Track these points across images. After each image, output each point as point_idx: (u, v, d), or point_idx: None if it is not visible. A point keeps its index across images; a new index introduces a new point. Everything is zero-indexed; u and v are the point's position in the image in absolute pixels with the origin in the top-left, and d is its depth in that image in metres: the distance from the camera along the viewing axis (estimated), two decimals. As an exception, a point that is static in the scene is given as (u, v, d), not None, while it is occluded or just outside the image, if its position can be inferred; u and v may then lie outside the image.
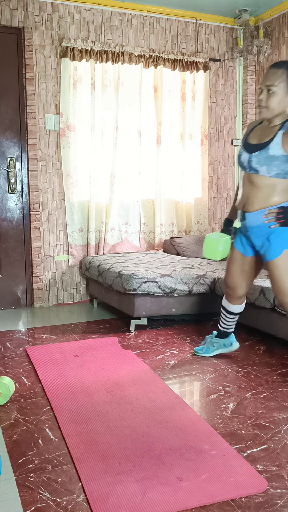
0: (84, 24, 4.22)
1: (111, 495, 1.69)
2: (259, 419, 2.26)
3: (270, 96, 2.41)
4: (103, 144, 4.32)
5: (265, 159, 2.43)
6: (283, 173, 2.43)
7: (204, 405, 2.42)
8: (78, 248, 4.41)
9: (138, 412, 2.30)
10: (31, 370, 2.85)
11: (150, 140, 4.53)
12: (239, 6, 4.47)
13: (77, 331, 3.63)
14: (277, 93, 2.39)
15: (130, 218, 4.52)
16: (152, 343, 3.33)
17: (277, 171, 2.42)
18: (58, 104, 4.20)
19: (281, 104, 2.42)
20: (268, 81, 2.41)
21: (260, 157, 2.44)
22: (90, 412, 2.30)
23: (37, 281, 4.31)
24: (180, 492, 1.70)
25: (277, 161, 2.40)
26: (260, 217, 2.51)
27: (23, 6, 4.01)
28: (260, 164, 2.44)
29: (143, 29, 4.44)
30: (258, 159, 2.45)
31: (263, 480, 1.77)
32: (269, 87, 2.40)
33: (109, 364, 2.90)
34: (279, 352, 3.13)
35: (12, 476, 1.82)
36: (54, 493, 1.72)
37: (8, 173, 4.15)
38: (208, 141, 4.77)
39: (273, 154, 2.41)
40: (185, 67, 4.52)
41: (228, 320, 2.97)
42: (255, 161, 2.46)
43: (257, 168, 2.46)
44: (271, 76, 2.40)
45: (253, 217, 2.54)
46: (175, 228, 4.74)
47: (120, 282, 3.50)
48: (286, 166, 2.41)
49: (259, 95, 2.46)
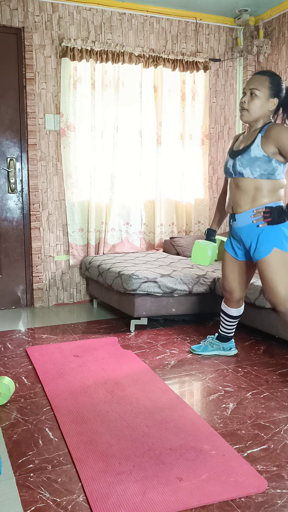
0: (84, 24, 4.22)
1: (111, 495, 1.69)
2: (259, 419, 2.26)
3: (253, 99, 2.50)
4: (103, 144, 4.32)
5: (247, 161, 2.50)
6: (267, 173, 2.48)
7: (204, 405, 2.42)
8: (79, 248, 4.41)
9: (138, 412, 2.30)
10: (31, 370, 2.85)
11: (150, 140, 4.53)
12: (239, 6, 4.47)
13: (77, 331, 3.63)
14: (259, 97, 2.49)
15: (131, 218, 4.52)
16: (152, 343, 3.33)
17: (260, 172, 2.48)
18: (58, 104, 4.20)
19: (262, 108, 2.51)
20: (252, 84, 2.51)
21: (243, 160, 2.52)
22: (90, 412, 2.30)
23: (37, 281, 4.31)
24: (180, 492, 1.70)
25: (258, 162, 2.47)
26: (248, 217, 2.57)
27: (23, 6, 4.01)
28: (243, 166, 2.51)
29: (143, 29, 4.44)
30: (241, 162, 2.52)
31: (263, 480, 1.77)
32: (252, 90, 2.50)
33: (109, 364, 2.90)
34: (279, 352, 3.13)
35: (12, 476, 1.82)
36: (54, 493, 1.72)
37: (8, 173, 4.15)
38: (208, 141, 4.77)
39: (254, 156, 2.48)
40: (185, 67, 4.52)
41: (228, 324, 2.99)
42: (238, 164, 2.54)
43: (241, 171, 2.53)
44: (255, 81, 2.51)
45: (242, 218, 2.59)
46: (175, 228, 4.74)
47: (120, 282, 3.50)
48: (268, 166, 2.47)
49: (242, 98, 2.55)
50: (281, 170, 2.50)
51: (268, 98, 2.49)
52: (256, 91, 2.48)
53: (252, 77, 2.56)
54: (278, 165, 2.47)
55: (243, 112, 2.54)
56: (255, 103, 2.50)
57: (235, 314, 2.95)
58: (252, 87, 2.49)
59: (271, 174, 2.48)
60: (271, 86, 2.48)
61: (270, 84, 2.48)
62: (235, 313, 2.94)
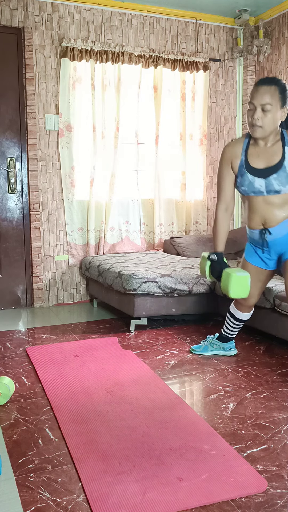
0: (84, 24, 4.22)
1: (111, 495, 1.69)
2: (259, 419, 2.26)
3: (266, 115, 2.38)
4: (102, 144, 4.32)
5: (285, 178, 2.43)
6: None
7: (204, 405, 2.42)
8: (78, 247, 4.41)
9: (138, 412, 2.30)
10: (31, 370, 2.85)
11: (149, 140, 4.53)
12: (239, 6, 4.47)
13: (77, 331, 3.63)
14: (271, 111, 2.37)
15: (130, 217, 4.52)
16: (152, 343, 3.33)
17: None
18: (58, 104, 4.20)
19: (275, 121, 2.42)
20: (263, 100, 2.36)
21: (281, 178, 2.44)
22: (90, 412, 2.30)
23: (37, 281, 4.31)
24: (180, 492, 1.70)
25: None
26: (284, 227, 2.52)
27: (23, 6, 4.01)
28: (283, 184, 2.44)
29: (143, 29, 4.44)
30: (279, 181, 2.44)
31: (263, 480, 1.77)
32: (264, 106, 2.37)
33: (109, 364, 2.90)
34: (279, 352, 3.13)
35: (12, 476, 1.82)
36: (54, 493, 1.72)
37: (8, 173, 4.15)
38: (207, 141, 4.77)
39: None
40: (185, 67, 4.52)
41: (233, 326, 2.98)
42: (276, 184, 2.45)
43: (279, 189, 2.46)
44: (264, 95, 2.36)
45: (278, 229, 2.54)
46: (175, 228, 4.74)
47: (120, 282, 3.50)
48: None
49: (254, 114, 2.41)
50: None
51: (279, 109, 2.40)
52: (268, 106, 2.36)
53: (258, 88, 2.40)
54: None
55: (257, 129, 2.41)
56: (268, 118, 2.38)
57: (244, 318, 2.94)
58: (263, 102, 2.36)
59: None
60: (281, 96, 2.37)
61: (281, 94, 2.38)
62: (245, 317, 2.93)
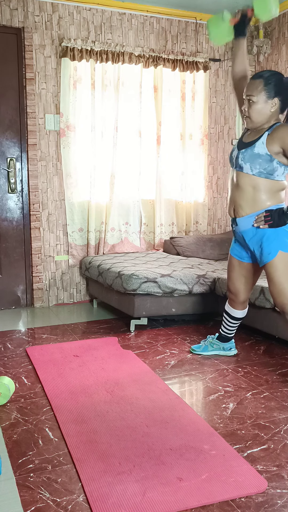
0: (84, 24, 4.22)
1: (111, 495, 1.69)
2: (259, 419, 2.26)
3: (251, 106, 2.49)
4: (103, 144, 4.32)
5: (249, 157, 2.49)
6: (266, 172, 2.47)
7: (204, 405, 2.42)
8: (78, 248, 4.41)
9: (138, 412, 2.30)
10: (31, 370, 2.85)
11: (150, 140, 4.53)
12: (239, 6, 4.46)
13: (77, 331, 3.63)
14: (256, 103, 2.47)
15: (130, 218, 4.52)
16: (152, 343, 3.33)
17: (259, 170, 2.47)
18: (58, 104, 4.20)
19: (263, 112, 2.49)
20: (248, 91, 2.49)
21: (246, 154, 2.51)
22: (90, 412, 2.30)
23: (37, 281, 4.31)
24: (180, 492, 1.70)
25: (260, 159, 2.46)
26: (249, 222, 2.57)
27: (23, 6, 4.01)
28: (245, 161, 2.51)
29: (143, 29, 4.44)
30: (244, 156, 2.52)
31: (263, 480, 1.77)
32: (249, 97, 2.48)
33: (109, 364, 2.90)
34: (279, 352, 3.13)
35: (12, 476, 1.82)
36: (54, 493, 1.72)
37: (8, 173, 4.15)
38: (208, 141, 4.77)
39: (257, 152, 2.47)
40: (185, 67, 4.52)
41: (230, 325, 2.99)
42: (240, 158, 2.53)
43: (241, 165, 2.53)
44: (250, 87, 2.49)
45: (243, 222, 2.60)
46: (175, 228, 4.74)
47: (120, 282, 3.50)
48: (269, 165, 2.46)
49: (243, 105, 2.54)
50: (281, 171, 2.49)
51: (266, 101, 2.46)
52: (252, 97, 2.46)
53: (249, 81, 2.53)
54: (278, 166, 2.46)
55: (246, 120, 2.53)
56: (253, 109, 2.48)
57: (239, 316, 2.94)
58: (248, 93, 2.48)
59: (269, 174, 2.47)
60: (266, 88, 2.45)
61: (265, 87, 2.45)
62: (239, 314, 2.94)
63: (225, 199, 4.99)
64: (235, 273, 2.81)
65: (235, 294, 2.86)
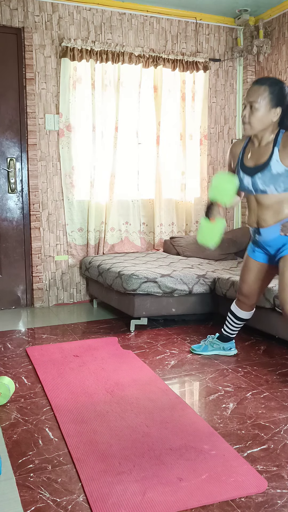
0: (84, 24, 4.22)
1: (111, 495, 1.69)
2: (259, 419, 2.26)
3: (253, 113, 2.40)
4: (103, 144, 4.32)
5: (269, 179, 2.42)
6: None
7: (204, 405, 2.42)
8: (78, 248, 4.41)
9: (138, 412, 2.30)
10: (31, 370, 2.85)
11: (150, 140, 4.53)
12: (239, 6, 4.47)
13: (77, 331, 3.63)
14: (259, 110, 2.39)
15: (130, 218, 4.52)
16: (152, 343, 3.33)
17: (285, 186, 2.43)
18: (58, 104, 4.20)
19: (263, 121, 2.41)
20: (251, 97, 2.40)
21: (265, 178, 2.44)
22: (90, 412, 2.30)
23: (37, 281, 4.31)
24: (180, 492, 1.70)
25: (281, 177, 2.40)
26: (274, 231, 2.52)
27: (23, 6, 4.01)
28: (267, 184, 2.44)
29: (143, 29, 4.44)
30: (263, 181, 2.44)
31: (263, 480, 1.77)
32: (252, 104, 2.40)
33: (109, 364, 2.90)
34: (279, 352, 3.13)
35: (12, 476, 1.82)
36: (54, 493, 1.72)
37: (8, 173, 4.15)
38: (207, 141, 4.77)
39: (276, 172, 2.40)
40: (185, 67, 4.52)
41: (234, 326, 2.98)
42: (260, 183, 2.46)
43: (264, 189, 2.46)
44: (254, 93, 2.40)
45: (268, 232, 2.54)
46: (175, 228, 4.74)
47: (120, 282, 3.50)
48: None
49: (243, 111, 2.47)
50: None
51: (270, 109, 2.39)
52: (255, 104, 2.38)
53: (251, 87, 2.44)
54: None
55: (245, 126, 2.46)
56: (255, 116, 2.40)
57: (246, 317, 2.93)
58: (251, 100, 2.40)
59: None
60: (271, 96, 2.38)
61: (271, 94, 2.37)
62: (246, 316, 2.92)
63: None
64: (251, 275, 2.75)
65: (248, 296, 2.81)
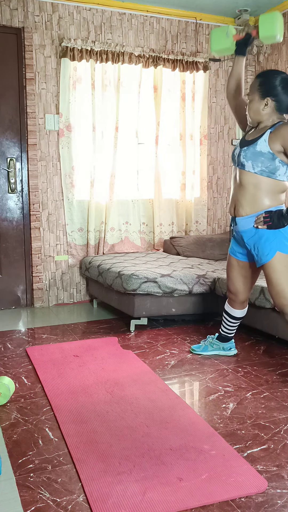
0: (84, 24, 4.22)
1: (111, 495, 1.69)
2: (259, 419, 2.26)
3: (249, 105, 2.59)
4: (103, 144, 4.32)
5: (251, 154, 2.51)
6: (267, 171, 2.48)
7: (204, 405, 2.42)
8: (78, 248, 4.41)
9: (138, 412, 2.30)
10: (31, 370, 2.85)
11: (149, 140, 4.53)
12: (239, 6, 4.47)
13: (77, 331, 3.63)
14: (252, 102, 2.56)
15: (130, 218, 4.52)
16: (152, 343, 3.33)
17: (262, 168, 2.48)
18: (58, 104, 4.20)
19: (257, 110, 2.56)
20: (248, 91, 2.60)
21: (248, 152, 2.53)
22: (90, 412, 2.30)
23: (37, 281, 4.31)
24: (180, 492, 1.70)
25: (262, 157, 2.47)
26: (249, 222, 2.58)
27: (23, 6, 4.01)
28: (246, 159, 2.52)
29: (143, 29, 4.43)
30: (246, 154, 2.54)
31: (263, 480, 1.77)
32: (247, 96, 2.60)
33: (109, 364, 2.90)
34: (279, 352, 3.13)
35: (12, 476, 1.82)
36: (54, 493, 1.72)
37: (8, 173, 4.15)
38: (207, 141, 4.77)
39: (259, 150, 2.48)
40: (185, 67, 4.52)
41: (230, 325, 2.99)
42: (242, 156, 2.55)
43: (243, 163, 2.55)
44: (250, 86, 2.59)
45: (243, 222, 2.61)
46: (175, 228, 4.74)
47: (120, 282, 3.50)
48: (271, 163, 2.46)
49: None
50: (283, 171, 2.48)
51: (259, 100, 2.52)
52: (249, 96, 2.57)
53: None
54: (280, 165, 2.46)
55: (247, 118, 2.63)
56: (250, 108, 2.57)
57: (239, 316, 2.95)
58: (248, 93, 2.59)
59: (271, 173, 2.47)
60: (259, 87, 2.51)
61: (259, 86, 2.51)
62: (239, 314, 2.94)
63: (225, 199, 4.99)
64: (234, 272, 2.82)
65: (235, 293, 2.86)
